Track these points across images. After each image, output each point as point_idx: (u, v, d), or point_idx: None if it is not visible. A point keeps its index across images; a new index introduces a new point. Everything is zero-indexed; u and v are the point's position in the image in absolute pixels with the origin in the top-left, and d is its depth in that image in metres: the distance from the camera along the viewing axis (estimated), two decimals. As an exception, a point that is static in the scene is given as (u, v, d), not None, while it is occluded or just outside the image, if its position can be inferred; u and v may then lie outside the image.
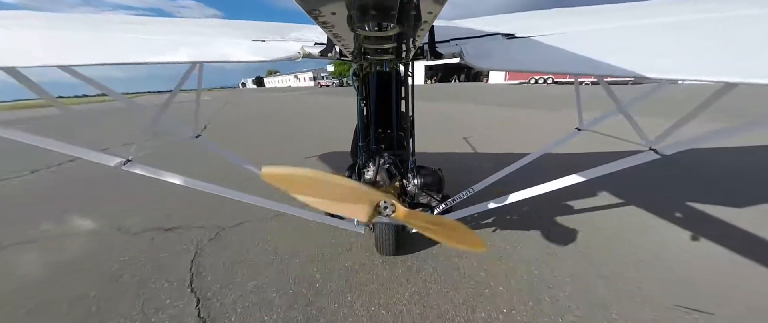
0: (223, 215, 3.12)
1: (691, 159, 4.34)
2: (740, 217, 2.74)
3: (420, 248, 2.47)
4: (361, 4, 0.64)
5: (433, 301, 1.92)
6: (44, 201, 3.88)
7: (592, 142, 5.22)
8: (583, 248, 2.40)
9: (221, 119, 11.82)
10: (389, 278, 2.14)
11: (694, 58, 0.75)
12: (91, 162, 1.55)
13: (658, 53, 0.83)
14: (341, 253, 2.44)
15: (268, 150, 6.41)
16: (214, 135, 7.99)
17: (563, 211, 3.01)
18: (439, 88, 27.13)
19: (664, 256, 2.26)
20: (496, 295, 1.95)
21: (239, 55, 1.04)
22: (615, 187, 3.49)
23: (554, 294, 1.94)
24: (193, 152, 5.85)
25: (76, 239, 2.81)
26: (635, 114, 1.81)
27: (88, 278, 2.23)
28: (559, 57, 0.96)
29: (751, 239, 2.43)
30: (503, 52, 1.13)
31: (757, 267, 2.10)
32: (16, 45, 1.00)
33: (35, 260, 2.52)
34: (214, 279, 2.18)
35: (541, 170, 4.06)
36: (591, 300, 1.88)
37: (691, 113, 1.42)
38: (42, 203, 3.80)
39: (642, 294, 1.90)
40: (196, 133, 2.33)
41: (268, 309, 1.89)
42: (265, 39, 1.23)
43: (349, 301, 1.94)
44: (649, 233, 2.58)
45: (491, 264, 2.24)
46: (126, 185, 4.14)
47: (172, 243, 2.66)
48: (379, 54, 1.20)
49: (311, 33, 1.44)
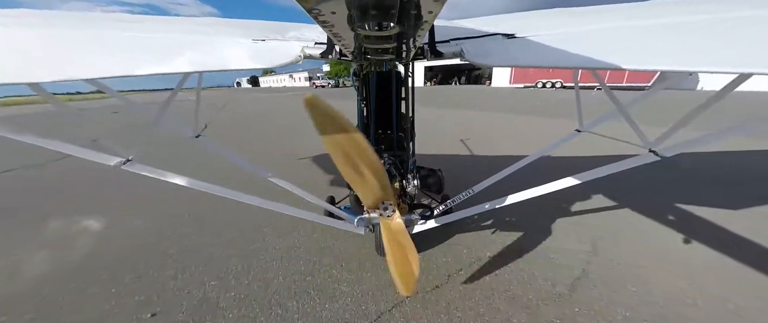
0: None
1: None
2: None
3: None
4: (361, 4, 0.64)
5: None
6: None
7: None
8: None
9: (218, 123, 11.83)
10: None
11: (701, 54, 0.76)
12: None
13: (660, 51, 0.83)
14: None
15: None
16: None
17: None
18: (438, 91, 26.98)
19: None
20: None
21: (241, 63, 1.04)
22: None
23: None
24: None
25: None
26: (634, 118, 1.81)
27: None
28: (557, 53, 0.96)
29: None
30: (503, 51, 1.13)
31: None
32: (24, 56, 0.99)
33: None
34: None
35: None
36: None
37: (691, 114, 1.42)
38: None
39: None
40: (196, 133, 2.33)
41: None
42: (265, 38, 1.23)
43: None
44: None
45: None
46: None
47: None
48: (380, 54, 1.20)
49: (311, 32, 1.44)
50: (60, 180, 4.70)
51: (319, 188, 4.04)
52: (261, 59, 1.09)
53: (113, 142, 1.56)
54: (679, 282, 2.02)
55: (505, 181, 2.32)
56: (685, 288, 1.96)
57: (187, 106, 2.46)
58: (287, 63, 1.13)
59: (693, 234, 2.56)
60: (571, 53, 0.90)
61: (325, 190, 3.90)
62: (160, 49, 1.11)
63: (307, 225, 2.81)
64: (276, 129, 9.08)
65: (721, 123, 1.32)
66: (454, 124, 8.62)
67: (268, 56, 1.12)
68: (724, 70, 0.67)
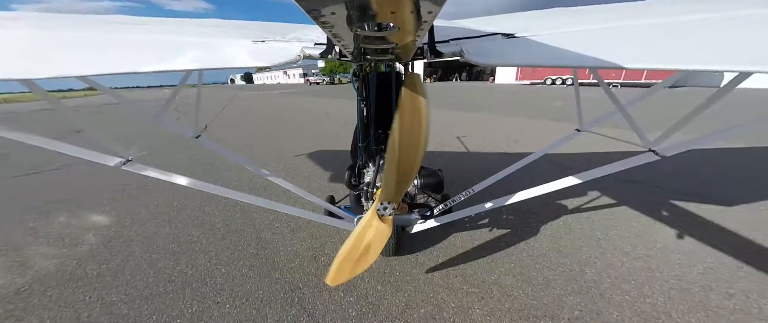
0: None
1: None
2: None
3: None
4: (360, 4, 0.64)
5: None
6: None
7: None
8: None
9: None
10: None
11: (701, 52, 0.76)
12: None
13: (660, 49, 0.83)
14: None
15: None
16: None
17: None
18: (437, 90, 26.78)
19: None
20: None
21: (242, 61, 1.03)
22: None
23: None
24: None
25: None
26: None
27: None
28: (557, 52, 0.96)
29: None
30: (502, 50, 1.13)
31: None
32: (23, 54, 0.99)
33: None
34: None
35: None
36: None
37: (691, 114, 1.42)
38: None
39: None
40: (196, 133, 2.33)
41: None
42: (264, 39, 1.23)
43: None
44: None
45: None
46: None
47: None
48: (379, 54, 1.20)
49: (311, 32, 1.43)
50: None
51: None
52: (261, 58, 1.08)
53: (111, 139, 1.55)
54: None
55: (505, 180, 2.32)
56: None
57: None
58: (287, 62, 1.13)
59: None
60: (571, 52, 0.90)
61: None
62: (164, 47, 1.11)
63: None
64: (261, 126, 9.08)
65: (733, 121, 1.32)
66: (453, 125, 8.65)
67: (268, 55, 1.11)
68: (724, 68, 0.68)
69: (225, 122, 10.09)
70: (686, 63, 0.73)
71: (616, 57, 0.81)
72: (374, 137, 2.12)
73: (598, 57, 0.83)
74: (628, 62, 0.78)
